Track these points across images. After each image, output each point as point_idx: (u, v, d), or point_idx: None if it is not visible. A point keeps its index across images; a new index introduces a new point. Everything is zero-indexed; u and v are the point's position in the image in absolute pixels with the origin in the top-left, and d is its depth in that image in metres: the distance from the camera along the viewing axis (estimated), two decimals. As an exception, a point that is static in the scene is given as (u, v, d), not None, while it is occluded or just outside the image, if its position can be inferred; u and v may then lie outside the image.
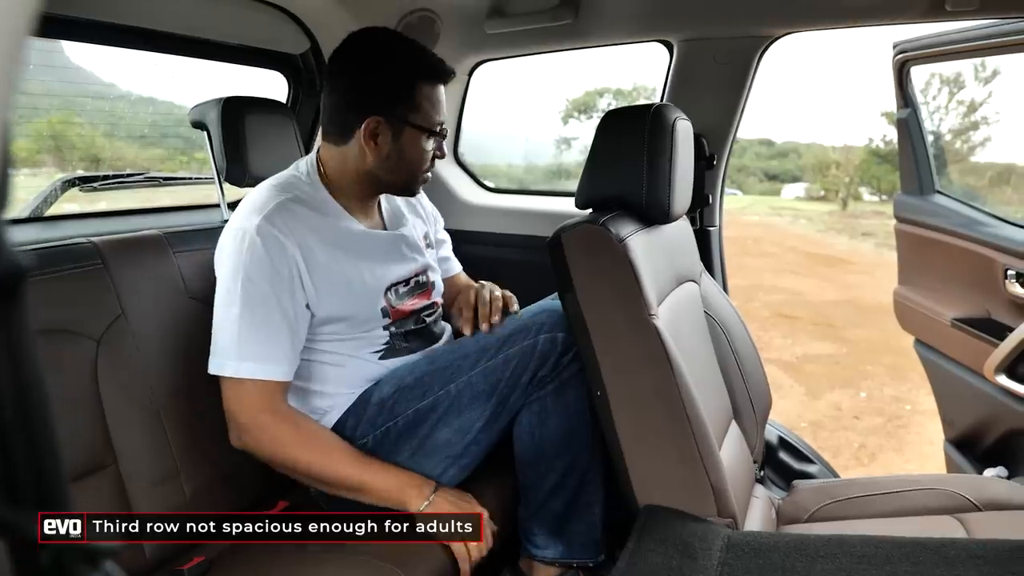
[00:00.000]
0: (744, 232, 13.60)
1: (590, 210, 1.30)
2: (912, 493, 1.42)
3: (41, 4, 0.25)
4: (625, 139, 1.25)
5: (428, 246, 1.51)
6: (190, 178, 1.76)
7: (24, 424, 0.25)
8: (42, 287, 1.11)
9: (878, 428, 4.26)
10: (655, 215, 1.26)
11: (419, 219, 1.52)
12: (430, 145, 1.30)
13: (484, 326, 1.31)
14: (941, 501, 1.38)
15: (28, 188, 1.54)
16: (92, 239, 1.23)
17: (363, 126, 1.25)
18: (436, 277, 1.48)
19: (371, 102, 1.25)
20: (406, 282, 1.37)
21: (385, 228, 1.41)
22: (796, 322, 6.91)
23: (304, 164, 1.33)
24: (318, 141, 1.33)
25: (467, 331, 1.33)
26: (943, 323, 1.95)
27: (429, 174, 1.35)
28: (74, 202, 1.61)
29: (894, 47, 2.02)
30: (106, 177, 1.54)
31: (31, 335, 0.25)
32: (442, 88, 1.30)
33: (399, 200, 1.50)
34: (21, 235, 1.34)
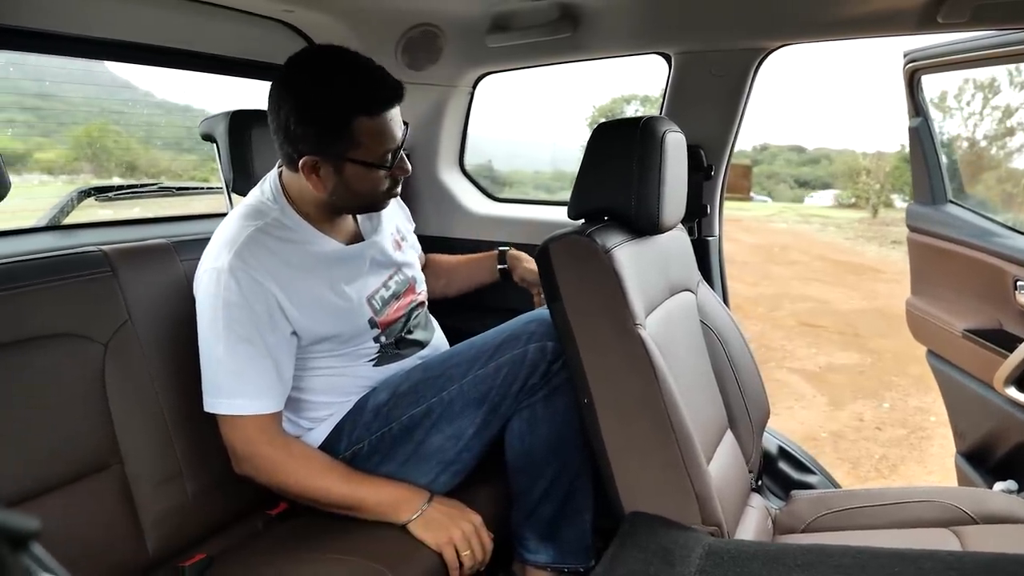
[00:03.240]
0: (771, 239, 13.44)
1: (583, 220, 1.32)
2: (910, 505, 1.41)
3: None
4: (615, 151, 1.27)
5: (403, 240, 1.50)
6: (200, 188, 1.82)
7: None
8: (53, 293, 1.17)
9: (900, 439, 4.19)
10: (645, 226, 1.28)
11: (392, 215, 1.50)
12: (381, 173, 1.24)
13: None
14: (939, 514, 1.37)
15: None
16: (102, 247, 1.28)
17: (301, 163, 1.20)
18: (414, 272, 1.48)
19: (305, 142, 1.18)
20: (385, 286, 1.38)
21: (362, 236, 1.39)
22: (821, 331, 6.81)
23: (269, 186, 1.30)
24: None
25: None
26: (954, 334, 1.93)
27: (396, 189, 1.30)
28: (108, 208, 1.67)
29: (904, 56, 2.02)
30: (120, 187, 1.60)
31: None
32: (388, 114, 1.20)
33: None
34: (37, 244, 1.40)
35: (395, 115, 1.22)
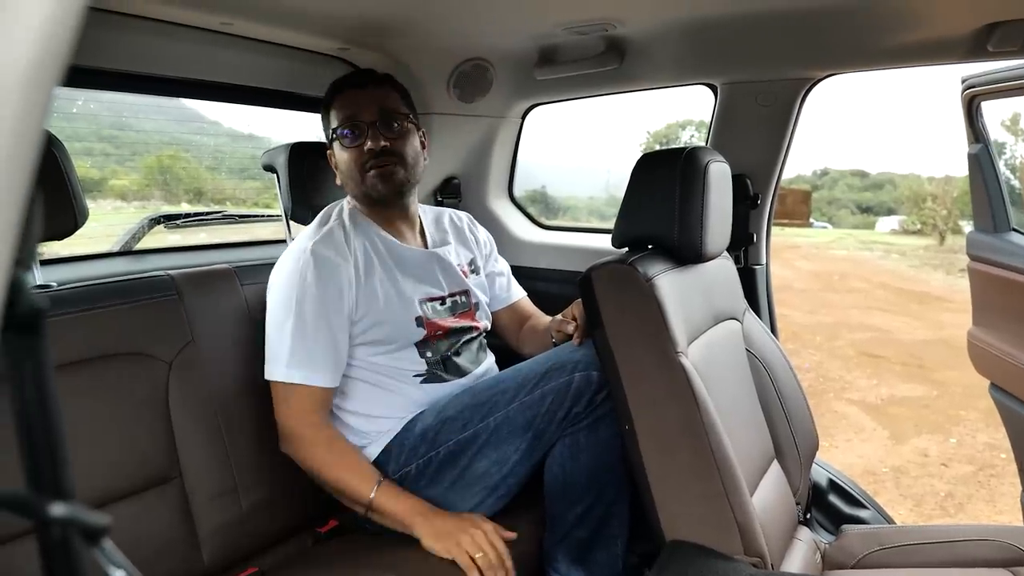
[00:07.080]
0: (830, 267, 13.09)
1: (626, 249, 1.34)
2: (967, 544, 1.37)
3: (70, 57, 0.29)
4: (658, 181, 1.29)
5: (473, 272, 1.58)
6: (261, 216, 1.92)
7: (45, 434, 0.32)
8: (124, 315, 1.25)
9: (968, 477, 4.00)
10: (687, 255, 1.29)
11: (465, 248, 1.60)
12: (346, 144, 1.40)
13: (577, 340, 1.35)
14: (996, 553, 1.33)
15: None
16: (169, 272, 1.36)
17: (331, 163, 1.48)
18: (479, 300, 1.54)
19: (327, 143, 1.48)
20: (442, 300, 1.46)
21: (426, 247, 1.51)
22: (883, 362, 6.57)
23: (343, 202, 1.49)
24: None
25: (576, 338, 1.36)
26: (1018, 367, 1.86)
27: (371, 171, 1.39)
28: (176, 234, 1.78)
29: (962, 82, 1.98)
30: (187, 215, 1.70)
31: (49, 363, 0.32)
32: (355, 92, 1.41)
33: (447, 224, 1.60)
34: (111, 268, 1.50)
35: (367, 94, 1.41)
